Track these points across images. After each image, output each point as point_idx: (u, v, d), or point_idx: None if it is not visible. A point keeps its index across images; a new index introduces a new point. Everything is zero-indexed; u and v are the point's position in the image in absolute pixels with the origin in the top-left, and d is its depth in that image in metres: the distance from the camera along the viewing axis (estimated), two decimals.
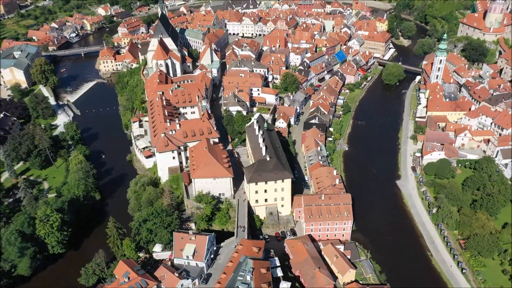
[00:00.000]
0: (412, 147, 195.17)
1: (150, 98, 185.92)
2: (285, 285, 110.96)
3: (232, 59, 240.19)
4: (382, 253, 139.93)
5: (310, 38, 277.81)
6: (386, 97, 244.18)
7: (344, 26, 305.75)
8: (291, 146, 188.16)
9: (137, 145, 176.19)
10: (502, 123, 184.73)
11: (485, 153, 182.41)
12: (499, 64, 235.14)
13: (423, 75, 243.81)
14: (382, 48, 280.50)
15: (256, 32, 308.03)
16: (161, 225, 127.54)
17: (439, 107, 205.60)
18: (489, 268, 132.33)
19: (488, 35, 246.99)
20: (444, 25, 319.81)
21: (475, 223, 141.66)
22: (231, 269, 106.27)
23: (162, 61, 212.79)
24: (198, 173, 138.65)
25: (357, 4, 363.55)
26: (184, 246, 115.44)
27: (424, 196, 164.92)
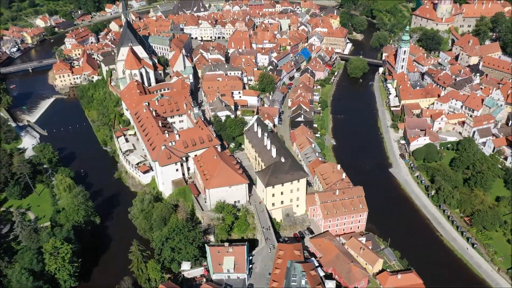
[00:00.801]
0: (394, 135, 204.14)
1: (133, 110, 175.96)
2: (331, 284, 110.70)
3: (203, 64, 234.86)
4: (396, 240, 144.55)
5: (273, 37, 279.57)
6: (356, 90, 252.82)
7: (301, 24, 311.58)
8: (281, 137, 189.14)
9: (128, 160, 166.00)
10: (472, 105, 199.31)
11: (461, 134, 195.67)
12: (454, 51, 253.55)
13: (387, 66, 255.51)
14: (342, 43, 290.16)
15: (214, 35, 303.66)
16: (186, 242, 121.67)
17: (412, 95, 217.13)
18: (495, 240, 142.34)
19: (440, 25, 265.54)
20: (391, 18, 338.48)
21: (475, 200, 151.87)
22: (281, 276, 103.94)
23: (136, 70, 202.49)
24: (213, 183, 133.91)
25: (306, 2, 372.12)
26: (223, 260, 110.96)
27: (419, 180, 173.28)
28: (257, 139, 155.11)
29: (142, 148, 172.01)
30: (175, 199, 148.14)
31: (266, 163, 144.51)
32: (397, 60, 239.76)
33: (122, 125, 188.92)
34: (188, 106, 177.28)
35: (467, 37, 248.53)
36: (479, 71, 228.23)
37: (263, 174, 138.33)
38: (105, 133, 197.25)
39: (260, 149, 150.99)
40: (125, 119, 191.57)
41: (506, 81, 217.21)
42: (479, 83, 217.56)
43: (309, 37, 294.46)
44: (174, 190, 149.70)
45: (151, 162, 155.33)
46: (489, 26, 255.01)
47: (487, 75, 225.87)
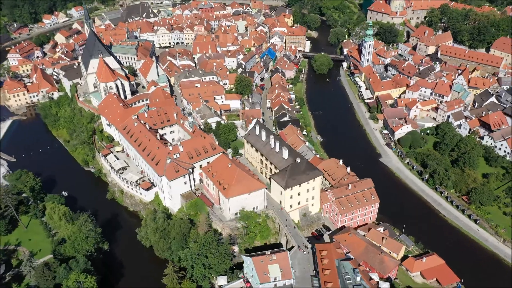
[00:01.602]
0: (374, 126, 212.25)
1: (120, 124, 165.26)
2: (385, 285, 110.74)
3: (175, 71, 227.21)
4: (405, 225, 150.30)
5: (235, 40, 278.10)
6: (325, 86, 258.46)
7: (258, 25, 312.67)
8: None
9: (125, 178, 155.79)
10: (442, 91, 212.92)
11: (435, 119, 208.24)
12: (411, 42, 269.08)
13: (351, 61, 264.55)
14: (303, 42, 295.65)
15: (173, 40, 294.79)
16: (219, 255, 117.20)
17: (384, 87, 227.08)
18: (494, 214, 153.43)
19: (396, 18, 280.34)
20: (340, 14, 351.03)
21: (468, 179, 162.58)
22: (333, 277, 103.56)
23: (111, 83, 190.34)
24: (233, 191, 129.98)
25: (255, 3, 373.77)
26: (268, 269, 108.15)
27: (410, 166, 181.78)
28: (262, 143, 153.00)
29: (136, 164, 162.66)
30: (186, 214, 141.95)
31: (278, 165, 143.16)
32: (362, 54, 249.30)
33: (106, 142, 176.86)
34: (180, 115, 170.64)
35: (422, 28, 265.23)
36: (438, 59, 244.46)
37: (280, 177, 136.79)
38: (84, 152, 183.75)
39: (268, 152, 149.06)
40: (107, 135, 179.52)
41: (464, 67, 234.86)
42: (440, 71, 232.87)
43: (270, 37, 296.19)
44: (185, 204, 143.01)
45: (155, 177, 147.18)
46: (439, 17, 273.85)
47: (445, 63, 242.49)
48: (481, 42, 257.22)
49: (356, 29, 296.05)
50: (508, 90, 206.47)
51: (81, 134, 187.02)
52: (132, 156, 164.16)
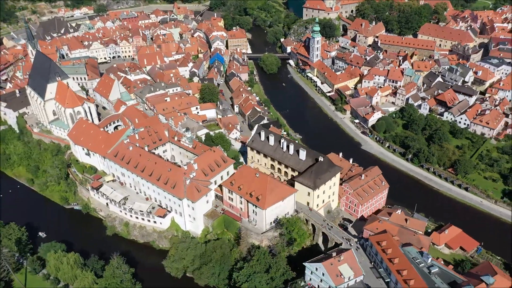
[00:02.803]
0: (343, 117, 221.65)
1: (108, 152, 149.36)
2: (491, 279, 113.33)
3: (133, 86, 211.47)
4: (409, 204, 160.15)
5: (179, 48, 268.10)
6: (280, 85, 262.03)
7: (195, 31, 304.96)
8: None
9: (132, 209, 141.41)
10: (395, 77, 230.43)
11: (394, 103, 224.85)
12: (349, 35, 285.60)
13: (298, 58, 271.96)
14: (245, 44, 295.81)
15: (109, 55, 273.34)
16: (277, 270, 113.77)
17: (341, 79, 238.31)
18: (477, 180, 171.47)
19: (331, 13, 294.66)
20: (267, 14, 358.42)
21: (449, 153, 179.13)
22: (404, 263, 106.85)
23: (79, 107, 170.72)
24: (269, 201, 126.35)
25: (179, 9, 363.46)
26: (338, 270, 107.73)
27: (391, 150, 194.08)
28: (271, 147, 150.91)
29: (137, 192, 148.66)
30: (214, 234, 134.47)
31: (296, 167, 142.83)
32: (311, 50, 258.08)
33: (90, 173, 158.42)
34: (172, 132, 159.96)
35: (358, 21, 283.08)
36: (379, 48, 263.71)
37: (306, 178, 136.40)
38: (61, 189, 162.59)
39: (281, 156, 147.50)
40: (89, 166, 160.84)
41: (403, 53, 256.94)
42: (383, 58, 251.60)
43: (212, 42, 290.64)
44: (211, 223, 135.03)
45: (171, 202, 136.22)
46: (370, 9, 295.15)
47: (386, 51, 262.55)
48: (409, 30, 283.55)
49: (294, 27, 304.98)
50: (450, 69, 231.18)
51: (52, 170, 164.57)
52: (130, 184, 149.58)
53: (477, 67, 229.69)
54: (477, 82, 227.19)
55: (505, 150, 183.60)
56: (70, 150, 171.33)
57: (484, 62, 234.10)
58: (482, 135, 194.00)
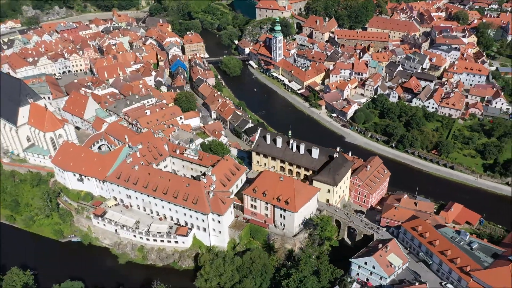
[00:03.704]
0: (319, 112, 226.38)
1: (109, 174, 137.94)
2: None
3: (104, 101, 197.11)
4: (405, 188, 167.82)
5: (137, 57, 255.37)
6: (248, 86, 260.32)
7: (146, 39, 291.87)
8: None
9: (149, 232, 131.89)
10: (360, 70, 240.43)
11: (363, 95, 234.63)
12: (304, 32, 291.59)
13: (260, 58, 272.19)
14: (202, 48, 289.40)
15: (59, 70, 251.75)
16: (328, 268, 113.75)
17: (309, 76, 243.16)
18: (459, 159, 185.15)
19: (285, 12, 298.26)
20: (213, 17, 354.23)
21: (429, 136, 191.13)
22: (446, 244, 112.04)
23: (60, 130, 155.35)
24: (299, 203, 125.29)
25: (120, 17, 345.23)
26: (388, 260, 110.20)
27: (375, 139, 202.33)
28: (278, 150, 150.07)
29: (147, 213, 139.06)
30: (242, 244, 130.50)
31: (310, 166, 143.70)
32: (274, 49, 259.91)
33: (87, 200, 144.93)
34: (171, 146, 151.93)
35: (313, 18, 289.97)
36: (337, 43, 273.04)
37: (325, 176, 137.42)
38: (52, 221, 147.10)
39: (292, 157, 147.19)
40: (84, 193, 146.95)
41: (360, 46, 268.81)
42: (343, 52, 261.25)
43: (166, 48, 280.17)
44: (238, 234, 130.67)
45: (192, 218, 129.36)
46: (320, 6, 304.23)
47: (343, 45, 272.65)
48: (358, 24, 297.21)
49: (248, 28, 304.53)
50: (407, 58, 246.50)
51: (39, 202, 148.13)
52: (138, 206, 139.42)
53: (431, 54, 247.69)
54: (432, 68, 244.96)
55: (474, 128, 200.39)
56: (54, 178, 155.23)
57: (436, 49, 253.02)
58: (449, 117, 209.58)
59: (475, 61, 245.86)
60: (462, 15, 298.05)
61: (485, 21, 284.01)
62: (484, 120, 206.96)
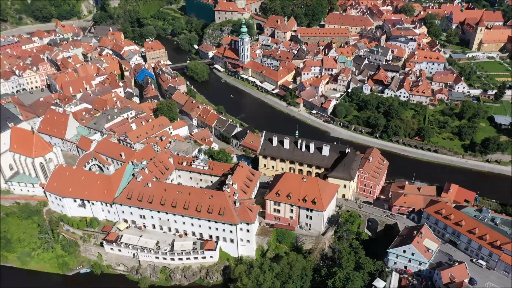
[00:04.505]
0: (298, 110, 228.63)
1: (117, 196, 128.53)
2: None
3: (81, 119, 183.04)
4: (401, 176, 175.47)
5: (99, 69, 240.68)
6: (220, 90, 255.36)
7: (101, 49, 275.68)
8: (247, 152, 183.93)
9: (175, 252, 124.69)
10: (329, 66, 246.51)
11: (335, 90, 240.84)
12: (266, 32, 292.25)
13: (227, 61, 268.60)
14: (165, 55, 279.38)
15: (11, 89, 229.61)
16: (370, 261, 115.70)
17: (282, 75, 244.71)
18: (440, 142, 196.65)
19: (245, 13, 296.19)
20: (165, 22, 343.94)
21: (410, 123, 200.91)
22: (472, 223, 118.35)
23: (50, 154, 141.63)
24: (325, 201, 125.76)
25: (64, 27, 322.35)
26: (425, 246, 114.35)
27: (358, 131, 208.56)
28: (286, 151, 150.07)
29: (164, 231, 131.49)
30: (272, 250, 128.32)
31: (322, 164, 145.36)
32: (241, 51, 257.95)
33: (95, 226, 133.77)
34: (176, 158, 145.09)
35: (273, 18, 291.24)
36: (300, 41, 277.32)
37: (340, 172, 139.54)
38: (54, 255, 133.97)
39: (302, 157, 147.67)
40: (89, 219, 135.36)
41: (323, 43, 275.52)
42: (309, 50, 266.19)
43: (126, 58, 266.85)
44: (268, 240, 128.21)
45: (218, 231, 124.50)
46: (278, 6, 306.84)
47: (307, 43, 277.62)
48: (315, 21, 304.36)
49: (208, 31, 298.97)
50: (371, 51, 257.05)
51: (36, 235, 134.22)
52: (154, 225, 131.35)
53: (392, 46, 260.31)
54: (395, 59, 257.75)
55: (445, 112, 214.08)
56: (47, 207, 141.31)
57: (395, 41, 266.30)
58: (420, 104, 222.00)
59: (430, 50, 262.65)
60: (408, 7, 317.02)
61: (430, 12, 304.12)
62: (452, 104, 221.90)
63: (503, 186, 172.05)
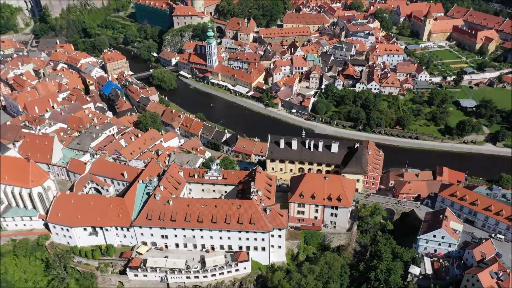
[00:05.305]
0: (277, 111, 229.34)
1: (135, 219, 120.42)
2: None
3: (61, 140, 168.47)
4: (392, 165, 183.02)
5: (59, 85, 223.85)
6: (192, 98, 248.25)
7: (55, 63, 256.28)
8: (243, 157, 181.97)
9: (207, 269, 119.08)
10: (299, 64, 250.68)
11: (308, 88, 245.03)
12: (228, 35, 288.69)
13: (194, 66, 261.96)
14: (126, 65, 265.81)
15: None
16: (406, 253, 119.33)
17: (255, 77, 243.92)
18: (419, 129, 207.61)
19: (204, 17, 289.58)
20: (115, 31, 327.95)
21: (389, 113, 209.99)
22: (487, 200, 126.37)
23: (48, 181, 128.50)
24: (349, 197, 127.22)
25: (4, 42, 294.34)
26: (451, 228, 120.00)
27: (341, 126, 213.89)
28: (295, 151, 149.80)
29: (188, 249, 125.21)
30: (302, 252, 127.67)
31: (332, 161, 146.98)
32: (208, 56, 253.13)
33: (111, 254, 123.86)
34: (186, 171, 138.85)
35: (234, 20, 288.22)
36: (264, 42, 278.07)
37: (353, 167, 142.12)
38: None
39: (311, 156, 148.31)
40: (104, 247, 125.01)
41: (286, 42, 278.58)
42: (275, 50, 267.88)
43: (84, 71, 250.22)
44: (298, 243, 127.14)
45: (254, 238, 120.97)
46: (237, 8, 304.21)
47: (270, 44, 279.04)
48: (273, 21, 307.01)
49: (167, 38, 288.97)
50: (335, 47, 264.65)
51: (40, 274, 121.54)
52: (177, 244, 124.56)
53: (354, 42, 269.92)
54: (358, 54, 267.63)
55: (416, 100, 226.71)
56: (49, 240, 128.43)
57: (355, 37, 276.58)
58: (391, 94, 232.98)
59: (387, 43, 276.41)
60: (358, 4, 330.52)
61: (380, 7, 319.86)
62: (419, 93, 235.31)
63: (483, 164, 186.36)
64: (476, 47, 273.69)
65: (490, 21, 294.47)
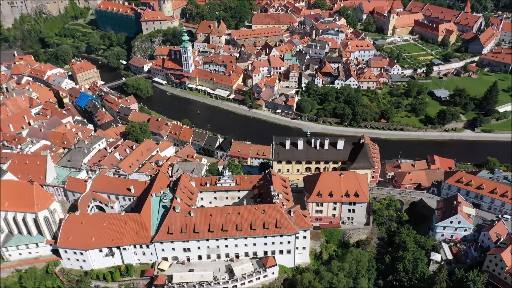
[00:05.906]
0: (262, 112, 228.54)
1: (156, 236, 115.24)
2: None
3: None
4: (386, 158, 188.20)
5: (30, 99, 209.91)
6: (173, 105, 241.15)
7: (19, 77, 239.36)
8: (241, 161, 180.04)
9: (235, 278, 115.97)
10: (277, 64, 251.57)
11: (288, 87, 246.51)
12: (199, 39, 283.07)
13: (169, 72, 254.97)
14: (97, 74, 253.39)
15: None
16: (428, 241, 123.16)
17: (235, 80, 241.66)
18: (402, 121, 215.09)
19: (174, 21, 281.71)
20: (76, 39, 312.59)
21: (373, 107, 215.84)
22: (492, 183, 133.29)
23: (54, 203, 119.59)
24: (366, 192, 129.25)
25: None
26: (465, 213, 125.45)
27: (328, 123, 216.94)
28: (301, 152, 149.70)
29: (211, 260, 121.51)
30: (326, 249, 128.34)
31: (338, 158, 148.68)
32: (184, 60, 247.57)
33: (132, 274, 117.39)
34: (198, 180, 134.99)
35: (205, 23, 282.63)
36: (238, 44, 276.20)
37: (361, 162, 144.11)
38: None
39: (317, 155, 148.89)
40: (123, 267, 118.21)
41: (259, 43, 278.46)
42: (249, 52, 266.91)
43: (54, 83, 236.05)
44: (321, 243, 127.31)
45: (280, 242, 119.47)
46: (206, 10, 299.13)
47: (243, 45, 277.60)
48: (242, 22, 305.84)
49: (136, 44, 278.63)
50: (309, 46, 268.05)
51: None
52: (200, 256, 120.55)
53: (326, 39, 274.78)
54: (331, 51, 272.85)
55: (394, 93, 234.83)
56: (59, 266, 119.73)
57: (326, 34, 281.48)
58: (369, 89, 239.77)
59: (356, 39, 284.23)
60: (321, 2, 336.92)
61: (343, 5, 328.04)
62: (394, 86, 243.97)
63: (466, 149, 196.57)
64: (439, 39, 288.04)
65: (447, 14, 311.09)
